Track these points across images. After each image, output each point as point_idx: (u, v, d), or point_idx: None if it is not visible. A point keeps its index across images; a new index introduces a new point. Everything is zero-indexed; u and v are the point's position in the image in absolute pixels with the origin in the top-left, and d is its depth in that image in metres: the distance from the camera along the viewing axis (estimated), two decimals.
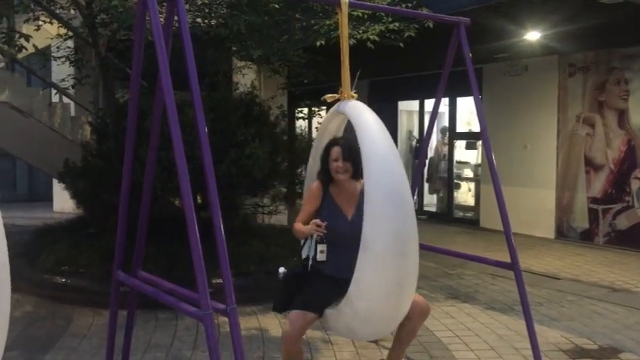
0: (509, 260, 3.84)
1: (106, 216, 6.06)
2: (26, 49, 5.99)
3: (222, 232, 2.44)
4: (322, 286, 3.27)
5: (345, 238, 3.24)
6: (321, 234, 3.21)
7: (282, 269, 3.36)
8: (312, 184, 3.47)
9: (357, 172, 3.33)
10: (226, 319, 2.47)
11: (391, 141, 3.19)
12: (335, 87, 3.52)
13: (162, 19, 2.72)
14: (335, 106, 3.52)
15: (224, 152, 5.65)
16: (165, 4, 2.88)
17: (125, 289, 3.37)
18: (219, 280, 3.06)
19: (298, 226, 3.40)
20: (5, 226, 2.17)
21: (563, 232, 9.32)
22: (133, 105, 3.09)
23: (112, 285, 3.29)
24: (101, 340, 4.56)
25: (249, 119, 6.19)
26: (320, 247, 3.26)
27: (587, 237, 8.96)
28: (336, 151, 3.34)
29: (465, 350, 4.48)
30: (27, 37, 5.85)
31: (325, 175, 3.42)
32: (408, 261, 3.01)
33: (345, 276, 3.11)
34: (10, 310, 1.64)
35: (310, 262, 3.36)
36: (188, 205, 2.42)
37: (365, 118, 3.20)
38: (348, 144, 3.35)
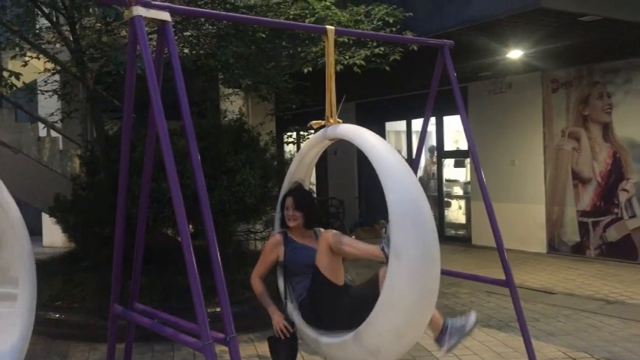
0: (503, 277, 3.87)
1: (98, 249, 6.02)
2: (16, 87, 5.98)
3: (219, 261, 2.45)
4: (329, 304, 3.33)
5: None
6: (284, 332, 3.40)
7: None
8: (273, 236, 3.66)
9: (308, 222, 3.57)
10: (225, 347, 2.46)
11: (397, 152, 3.31)
12: (323, 111, 3.56)
13: (152, 53, 2.75)
14: (321, 132, 3.57)
15: (215, 180, 5.66)
16: (154, 36, 2.92)
17: (122, 323, 3.35)
18: (216, 309, 3.06)
19: (258, 288, 3.57)
20: None
21: (554, 247, 9.37)
22: (125, 137, 3.11)
23: (110, 319, 3.26)
24: None
25: (239, 146, 6.21)
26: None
27: (578, 250, 9.02)
28: (288, 200, 3.57)
29: None
30: (17, 76, 5.84)
31: (282, 222, 3.63)
32: (435, 266, 3.03)
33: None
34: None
35: (293, 304, 3.48)
36: (185, 236, 2.42)
37: (366, 136, 3.30)
38: (301, 195, 3.60)
